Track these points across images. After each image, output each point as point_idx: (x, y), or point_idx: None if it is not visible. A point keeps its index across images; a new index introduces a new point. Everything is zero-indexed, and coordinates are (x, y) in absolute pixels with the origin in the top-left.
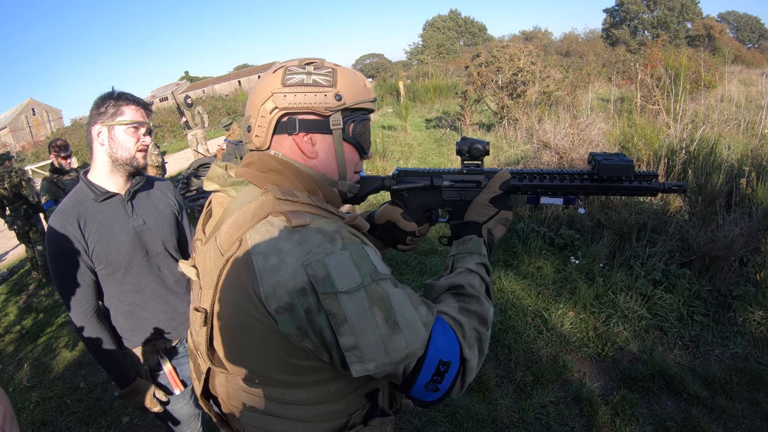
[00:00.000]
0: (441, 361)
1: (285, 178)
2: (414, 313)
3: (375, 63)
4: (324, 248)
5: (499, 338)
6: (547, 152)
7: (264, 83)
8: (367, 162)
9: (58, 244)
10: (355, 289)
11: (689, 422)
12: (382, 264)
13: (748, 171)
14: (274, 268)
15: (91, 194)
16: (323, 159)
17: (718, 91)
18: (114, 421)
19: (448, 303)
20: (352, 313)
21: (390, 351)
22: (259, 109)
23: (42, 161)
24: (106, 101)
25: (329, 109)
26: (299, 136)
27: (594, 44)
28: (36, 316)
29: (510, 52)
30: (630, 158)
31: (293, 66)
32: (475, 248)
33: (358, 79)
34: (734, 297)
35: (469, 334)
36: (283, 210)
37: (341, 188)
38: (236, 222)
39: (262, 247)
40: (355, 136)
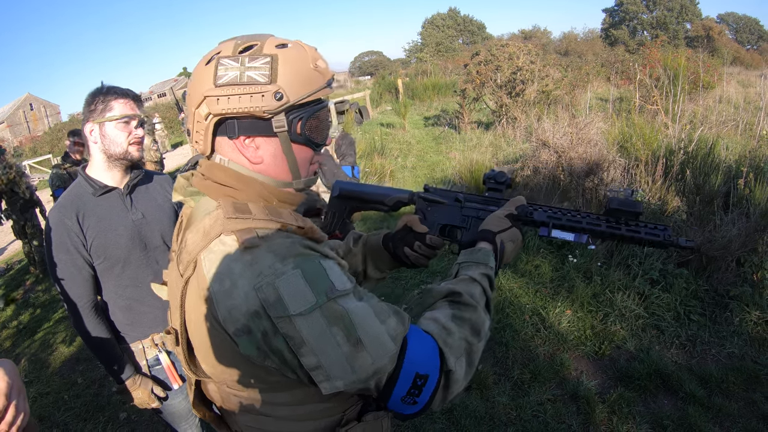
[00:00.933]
0: (417, 374)
1: (236, 189)
2: (380, 327)
3: (374, 60)
4: (274, 269)
5: (496, 336)
6: (546, 151)
7: (197, 80)
8: (365, 159)
9: (57, 238)
10: (310, 310)
11: (686, 421)
12: (343, 277)
13: (746, 172)
14: (228, 291)
15: (90, 188)
16: (270, 163)
17: (716, 92)
18: (112, 417)
19: (442, 310)
20: (309, 335)
21: (356, 369)
22: (194, 114)
23: (40, 156)
24: (95, 98)
25: (268, 111)
26: (240, 140)
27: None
28: (33, 312)
29: (509, 51)
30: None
31: (226, 57)
32: (483, 258)
33: (307, 61)
34: (731, 297)
35: (457, 344)
36: (235, 229)
37: (297, 186)
38: (192, 241)
39: (215, 269)
40: (305, 134)
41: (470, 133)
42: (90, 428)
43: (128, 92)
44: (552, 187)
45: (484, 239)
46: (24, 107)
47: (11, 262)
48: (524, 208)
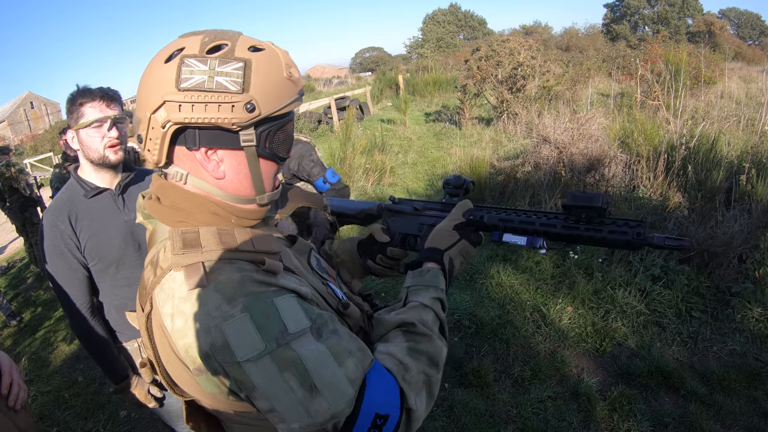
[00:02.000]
0: (377, 414)
1: (189, 213)
2: (337, 371)
3: (374, 56)
4: (221, 311)
5: (497, 333)
6: (547, 147)
7: (154, 80)
8: (366, 156)
9: (50, 242)
10: (258, 356)
11: (687, 419)
12: (299, 315)
13: (747, 168)
14: (181, 331)
15: (82, 190)
16: (232, 179)
17: (718, 87)
18: (112, 415)
19: (396, 342)
20: (259, 381)
21: (312, 413)
22: (150, 119)
23: (40, 155)
24: (72, 104)
25: (238, 124)
26: (201, 152)
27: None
28: (34, 310)
29: (510, 47)
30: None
31: (192, 57)
32: (432, 281)
33: (281, 69)
34: (733, 294)
35: (415, 379)
36: (184, 264)
37: (260, 202)
38: (146, 277)
39: (168, 308)
40: (272, 148)
41: (471, 129)
42: (90, 426)
43: (99, 92)
44: (553, 183)
45: (430, 259)
46: (24, 105)
47: (12, 260)
48: (472, 212)
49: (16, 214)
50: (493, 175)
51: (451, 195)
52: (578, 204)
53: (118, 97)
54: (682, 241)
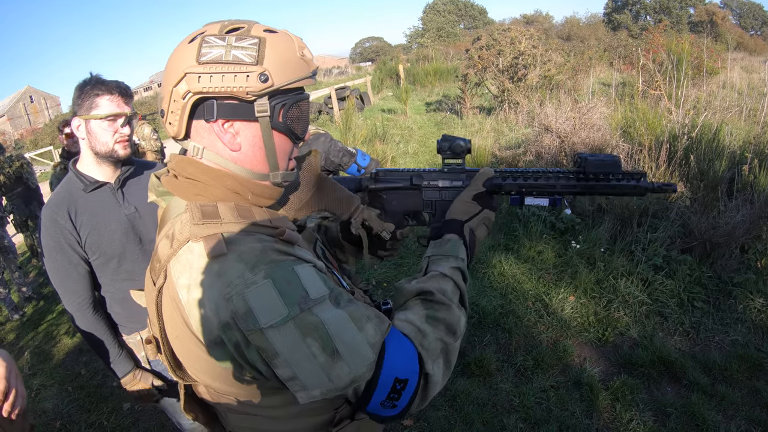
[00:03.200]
0: (397, 378)
1: (206, 186)
2: (358, 335)
3: (375, 46)
4: (244, 279)
5: (499, 322)
6: (548, 136)
7: (177, 57)
8: (367, 146)
9: (50, 238)
10: (282, 322)
11: (689, 409)
12: (319, 283)
13: (750, 158)
14: (199, 302)
15: (80, 184)
16: (247, 152)
17: (720, 77)
18: (115, 408)
19: (415, 310)
20: (282, 347)
21: (333, 378)
22: (171, 92)
23: (40, 149)
24: (83, 91)
25: (252, 93)
26: (218, 124)
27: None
28: (36, 304)
29: (511, 36)
30: (617, 155)
31: (212, 36)
32: (452, 251)
33: (294, 49)
34: (735, 284)
35: (433, 345)
36: (202, 234)
37: (274, 180)
38: (161, 249)
39: (184, 279)
40: (286, 123)
41: (472, 119)
42: (94, 419)
43: (116, 87)
44: None
45: (451, 231)
46: (24, 100)
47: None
48: (493, 181)
49: (20, 207)
50: (495, 164)
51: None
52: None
53: (132, 94)
54: (671, 185)
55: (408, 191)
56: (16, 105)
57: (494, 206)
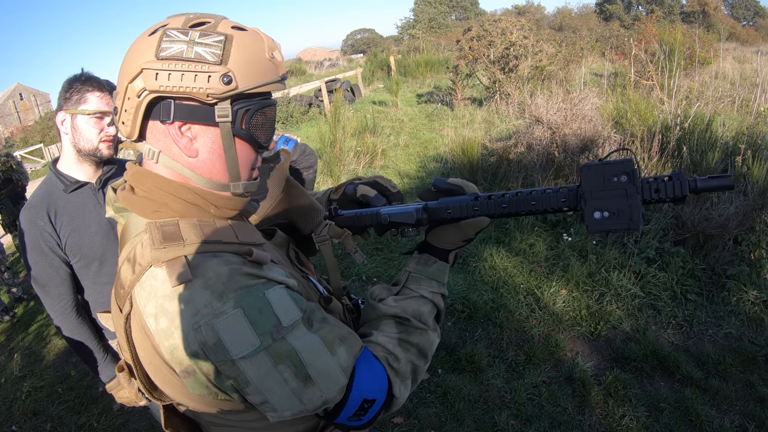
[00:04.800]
0: (365, 399)
1: (164, 203)
2: (330, 360)
3: (366, 38)
4: (212, 308)
5: (491, 317)
6: (540, 127)
7: (136, 51)
8: (357, 139)
9: (30, 240)
10: (254, 353)
11: (682, 403)
12: (291, 306)
13: (743, 149)
14: (166, 331)
15: (61, 185)
16: (205, 159)
17: (712, 68)
18: (105, 409)
19: (388, 331)
20: (254, 376)
21: (305, 401)
22: (126, 88)
23: (31, 146)
24: (72, 86)
25: (213, 95)
26: (174, 126)
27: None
28: (27, 304)
29: (502, 27)
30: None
31: (174, 29)
32: (436, 275)
33: (263, 49)
34: (728, 276)
35: (404, 369)
36: (165, 259)
37: (235, 191)
38: (124, 275)
39: (151, 307)
40: (249, 130)
41: (463, 110)
42: (84, 421)
43: (107, 85)
44: (546, 164)
45: (436, 257)
46: (14, 97)
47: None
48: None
49: (9, 207)
50: (486, 156)
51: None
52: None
53: None
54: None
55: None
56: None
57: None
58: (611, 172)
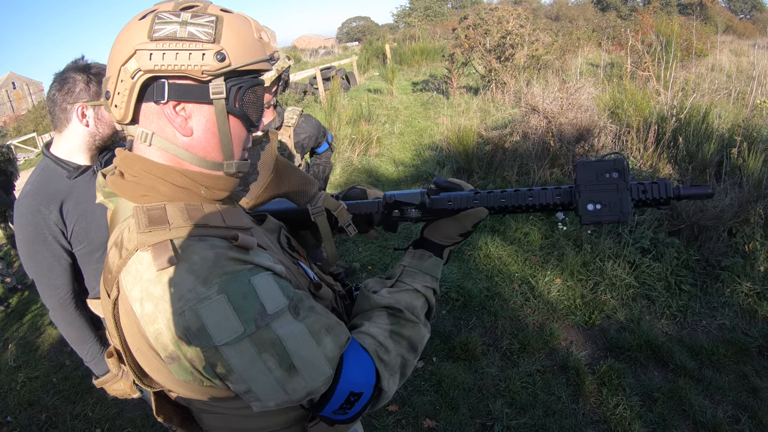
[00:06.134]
0: (352, 392)
1: (152, 186)
2: (316, 349)
3: (361, 26)
4: (196, 293)
5: (485, 305)
6: (535, 116)
7: (127, 35)
8: (352, 127)
9: (32, 228)
10: (237, 339)
11: (676, 393)
12: (277, 294)
13: (739, 141)
14: (151, 316)
15: (63, 171)
16: (200, 138)
17: (709, 60)
18: (100, 398)
19: (380, 322)
20: (237, 364)
21: (289, 391)
22: (119, 71)
23: (24, 135)
24: (90, 77)
25: (208, 72)
26: (169, 106)
27: (584, 9)
28: (21, 294)
29: (498, 15)
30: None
31: (166, 12)
32: (431, 269)
33: (251, 29)
34: (722, 268)
35: (393, 362)
36: (151, 243)
37: (228, 170)
38: (111, 259)
39: (136, 291)
40: (242, 107)
41: (459, 98)
42: (79, 411)
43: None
44: (541, 153)
45: (432, 252)
46: (6, 86)
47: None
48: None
49: (2, 197)
50: (481, 144)
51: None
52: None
53: None
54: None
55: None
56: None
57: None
58: (604, 169)
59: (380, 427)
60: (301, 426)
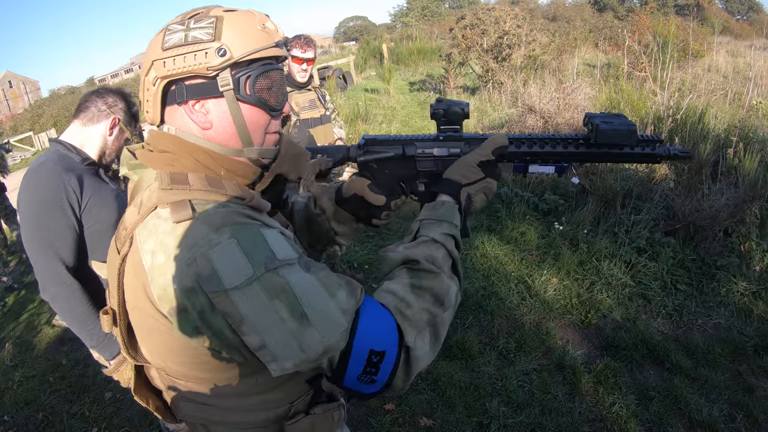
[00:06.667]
0: (372, 350)
1: (178, 157)
2: (328, 301)
3: (358, 26)
4: (209, 239)
5: (482, 304)
6: (532, 116)
7: (148, 50)
8: (349, 126)
9: (51, 192)
10: (247, 282)
11: (672, 392)
12: (286, 246)
13: (735, 141)
14: (162, 267)
15: (77, 156)
16: (219, 128)
17: (705, 61)
18: (97, 397)
19: (399, 279)
20: (248, 311)
21: (304, 347)
22: (144, 81)
23: (21, 134)
24: (129, 105)
25: (212, 68)
26: (189, 105)
27: (581, 10)
28: (18, 293)
29: (495, 15)
30: (632, 122)
31: (174, 24)
32: (446, 215)
33: (253, 22)
34: (718, 267)
35: (417, 317)
36: (170, 200)
37: (249, 155)
38: (129, 215)
39: (150, 244)
40: (255, 93)
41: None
42: (76, 410)
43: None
44: None
45: (446, 193)
46: (3, 85)
47: None
48: (503, 151)
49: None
50: None
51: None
52: (612, 140)
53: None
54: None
55: (400, 161)
56: None
57: (498, 175)
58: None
59: (377, 426)
60: (278, 426)
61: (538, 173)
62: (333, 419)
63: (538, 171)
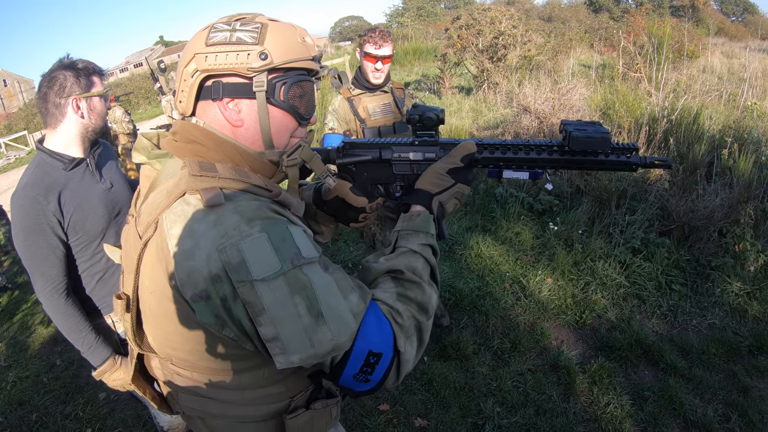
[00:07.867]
0: (370, 352)
1: (207, 149)
2: (342, 302)
3: (354, 26)
4: (240, 230)
5: (476, 305)
6: (527, 116)
7: (191, 43)
8: None
9: (30, 219)
10: (273, 276)
11: (666, 392)
12: (310, 245)
13: (730, 142)
14: (189, 252)
15: (59, 164)
16: (248, 128)
17: (700, 62)
18: (91, 398)
19: (386, 288)
20: (270, 303)
21: (315, 343)
22: (182, 72)
23: (15, 133)
24: (79, 71)
25: (252, 69)
26: (223, 103)
27: (577, 10)
28: (11, 294)
29: (491, 16)
30: (606, 129)
31: (220, 23)
32: (422, 226)
33: (295, 34)
34: (713, 267)
35: (407, 323)
36: (200, 187)
37: (270, 158)
38: (153, 202)
39: (177, 229)
40: (288, 100)
41: (451, 98)
42: (69, 410)
43: (99, 69)
44: None
45: (419, 203)
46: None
47: None
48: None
49: None
50: None
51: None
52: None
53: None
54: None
55: (378, 164)
56: None
57: (469, 180)
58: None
59: (371, 426)
60: (277, 420)
61: (512, 178)
62: (330, 415)
63: (512, 176)
